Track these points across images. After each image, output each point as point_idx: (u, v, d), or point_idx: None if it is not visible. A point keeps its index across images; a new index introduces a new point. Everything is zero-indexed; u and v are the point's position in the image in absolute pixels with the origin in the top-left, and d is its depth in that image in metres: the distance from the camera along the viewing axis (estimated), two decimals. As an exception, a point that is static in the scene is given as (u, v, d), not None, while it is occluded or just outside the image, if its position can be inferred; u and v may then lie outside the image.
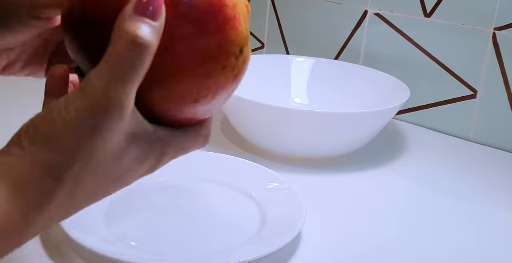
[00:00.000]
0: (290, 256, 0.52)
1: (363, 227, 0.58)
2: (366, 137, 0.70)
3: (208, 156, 0.65)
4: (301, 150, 0.69)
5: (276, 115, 0.66)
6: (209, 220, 0.57)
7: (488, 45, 0.77)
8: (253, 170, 0.63)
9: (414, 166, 0.72)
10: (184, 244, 0.52)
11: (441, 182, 0.68)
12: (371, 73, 0.81)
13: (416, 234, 0.58)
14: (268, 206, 0.58)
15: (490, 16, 0.75)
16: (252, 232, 0.54)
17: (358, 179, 0.68)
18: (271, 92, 0.80)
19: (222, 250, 0.51)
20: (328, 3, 0.89)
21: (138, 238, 0.52)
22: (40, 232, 0.33)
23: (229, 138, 0.76)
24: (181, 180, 0.62)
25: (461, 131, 0.82)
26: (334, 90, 0.81)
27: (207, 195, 0.61)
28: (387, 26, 0.84)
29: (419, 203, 0.64)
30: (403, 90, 0.74)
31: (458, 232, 0.58)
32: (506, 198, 0.65)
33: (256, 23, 0.98)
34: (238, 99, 0.67)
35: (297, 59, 0.85)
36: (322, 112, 0.67)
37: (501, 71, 0.76)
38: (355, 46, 0.88)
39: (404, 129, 0.83)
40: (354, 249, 0.54)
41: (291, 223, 0.53)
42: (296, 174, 0.67)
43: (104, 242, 0.50)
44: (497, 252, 0.56)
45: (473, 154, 0.77)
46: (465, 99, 0.80)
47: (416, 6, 0.81)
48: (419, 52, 0.82)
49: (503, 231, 0.59)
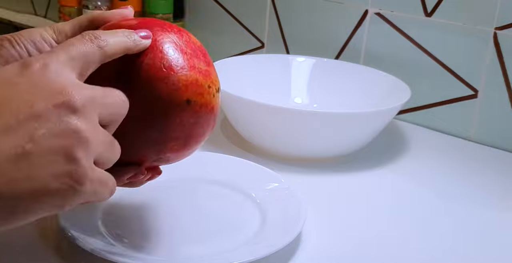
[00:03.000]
0: (290, 256, 0.52)
1: (364, 227, 0.58)
2: (366, 137, 0.70)
3: (208, 156, 0.65)
4: (301, 150, 0.69)
5: (276, 115, 0.66)
6: (209, 220, 0.56)
7: (489, 45, 0.76)
8: (253, 170, 0.63)
9: (415, 166, 0.72)
10: (184, 245, 0.52)
11: (442, 182, 0.68)
12: (372, 73, 0.80)
13: (417, 234, 0.57)
14: (268, 206, 0.58)
15: (491, 16, 0.75)
16: (252, 232, 0.54)
17: (358, 179, 0.68)
18: (271, 92, 0.80)
19: (222, 250, 0.51)
20: (329, 3, 0.88)
21: (138, 238, 0.52)
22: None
23: (229, 138, 0.76)
24: (181, 180, 0.62)
25: (462, 131, 0.81)
26: (335, 90, 0.81)
27: (207, 195, 0.61)
28: (388, 25, 0.84)
29: (420, 203, 0.64)
30: (403, 90, 0.74)
31: (458, 232, 0.58)
32: (507, 198, 0.65)
33: (256, 23, 0.98)
34: (238, 99, 0.67)
35: (297, 59, 0.85)
36: (322, 112, 0.66)
37: (502, 71, 0.76)
38: (355, 46, 0.88)
39: (404, 129, 0.83)
40: (355, 249, 0.54)
41: (291, 223, 0.53)
42: (296, 174, 0.67)
43: (103, 243, 0.50)
44: (497, 252, 0.56)
45: (474, 154, 0.77)
46: (466, 99, 0.80)
47: (417, 6, 0.81)
48: (420, 52, 0.82)
49: (503, 231, 0.59)
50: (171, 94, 0.43)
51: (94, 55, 0.39)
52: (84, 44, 0.39)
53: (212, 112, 0.47)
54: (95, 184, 0.37)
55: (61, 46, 0.39)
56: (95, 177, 0.37)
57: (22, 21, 1.28)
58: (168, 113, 0.43)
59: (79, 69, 0.38)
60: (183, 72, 0.44)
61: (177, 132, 0.44)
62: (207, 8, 1.03)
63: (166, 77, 0.43)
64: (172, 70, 0.44)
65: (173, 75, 0.43)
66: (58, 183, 0.35)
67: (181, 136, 0.45)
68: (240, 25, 1.00)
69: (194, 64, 0.45)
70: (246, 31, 0.99)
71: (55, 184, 0.35)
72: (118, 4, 1.00)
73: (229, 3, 1.00)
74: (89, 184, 0.36)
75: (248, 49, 1.00)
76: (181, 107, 0.44)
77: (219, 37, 1.02)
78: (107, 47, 0.40)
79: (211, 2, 1.02)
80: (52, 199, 0.35)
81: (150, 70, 0.43)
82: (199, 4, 1.04)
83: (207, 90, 0.46)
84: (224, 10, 1.01)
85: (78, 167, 0.35)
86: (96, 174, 0.37)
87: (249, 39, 0.99)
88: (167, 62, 0.44)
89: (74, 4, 1.07)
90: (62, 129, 0.35)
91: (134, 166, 0.46)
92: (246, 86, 0.77)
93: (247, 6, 0.98)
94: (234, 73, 0.77)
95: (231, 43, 1.01)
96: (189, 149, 0.47)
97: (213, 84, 0.46)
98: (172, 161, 0.47)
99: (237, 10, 0.99)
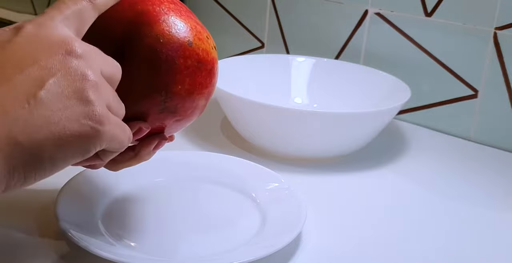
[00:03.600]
0: (290, 256, 0.52)
1: (364, 227, 0.58)
2: (366, 137, 0.70)
3: (208, 156, 0.65)
4: (301, 150, 0.69)
5: (276, 115, 0.66)
6: (209, 220, 0.56)
7: (489, 45, 0.76)
8: (253, 170, 0.63)
9: (415, 166, 0.72)
10: (184, 245, 0.52)
11: (442, 182, 0.68)
12: (372, 73, 0.80)
13: (417, 234, 0.57)
14: (268, 206, 0.58)
15: (491, 16, 0.75)
16: (252, 232, 0.54)
17: (358, 179, 0.68)
18: (271, 92, 0.80)
19: (222, 250, 0.51)
20: (329, 3, 0.88)
21: (138, 238, 0.52)
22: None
23: (229, 138, 0.76)
24: (180, 180, 0.62)
25: (462, 131, 0.81)
26: (335, 90, 0.81)
27: (207, 195, 0.61)
28: (388, 25, 0.84)
29: (420, 203, 0.64)
30: (403, 90, 0.74)
31: (459, 232, 0.58)
32: (507, 198, 0.65)
33: (256, 23, 0.98)
34: (238, 99, 0.67)
35: (297, 58, 0.85)
36: (322, 112, 0.66)
37: (502, 71, 0.76)
38: (355, 46, 0.88)
39: (404, 129, 0.83)
40: (355, 249, 0.54)
41: (291, 223, 0.53)
42: (296, 174, 0.67)
43: (103, 243, 0.49)
44: (498, 252, 0.56)
45: (474, 154, 0.77)
46: (466, 99, 0.80)
47: (417, 6, 0.81)
48: (420, 51, 0.82)
49: (504, 231, 0.59)
50: (172, 34, 0.44)
51: (87, 11, 0.40)
52: (75, 2, 0.39)
53: (213, 64, 0.47)
54: (114, 126, 0.37)
55: (53, 7, 0.39)
56: (112, 119, 0.37)
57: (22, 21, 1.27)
58: (172, 52, 0.44)
59: (75, 27, 0.39)
60: (183, 18, 0.46)
61: (182, 74, 0.45)
62: (207, 8, 1.03)
63: (167, 19, 0.45)
64: (171, 12, 0.45)
65: (173, 16, 0.45)
66: (78, 124, 0.35)
67: (186, 80, 0.45)
68: (240, 25, 1.00)
69: (190, 16, 0.47)
70: (246, 31, 0.99)
71: (75, 126, 0.35)
72: (118, 4, 1.00)
73: (229, 3, 1.00)
74: (108, 125, 0.36)
75: (248, 49, 1.00)
76: (183, 46, 0.45)
77: (219, 37, 1.02)
78: (97, 1, 0.40)
79: (211, 2, 1.02)
80: (75, 142, 0.35)
81: (151, 13, 0.44)
82: (199, 4, 1.04)
83: (205, 39, 0.47)
84: (224, 10, 1.01)
85: (94, 108, 0.35)
86: (111, 116, 0.37)
87: (249, 39, 0.99)
88: (166, 7, 0.45)
89: (74, 4, 1.07)
90: (70, 73, 0.35)
91: (139, 121, 0.45)
92: (246, 86, 0.77)
93: (247, 6, 0.98)
94: (234, 73, 0.77)
95: (231, 43, 1.01)
96: (193, 99, 0.47)
97: (210, 38, 0.48)
98: (177, 115, 0.47)
99: (237, 10, 0.99)
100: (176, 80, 0.45)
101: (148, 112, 0.46)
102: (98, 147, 0.37)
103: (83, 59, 0.36)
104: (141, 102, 0.45)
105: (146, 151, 0.48)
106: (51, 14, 0.38)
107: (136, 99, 0.45)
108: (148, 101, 0.45)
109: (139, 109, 0.45)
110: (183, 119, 0.48)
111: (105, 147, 0.38)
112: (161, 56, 0.44)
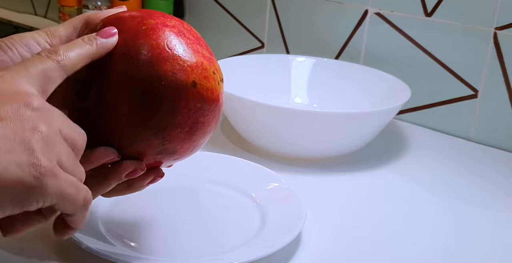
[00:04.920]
0: (290, 256, 0.52)
1: (364, 227, 0.58)
2: (366, 137, 0.70)
3: (208, 156, 0.65)
4: (301, 150, 0.69)
5: (276, 115, 0.66)
6: (209, 220, 0.56)
7: (489, 44, 0.76)
8: (253, 170, 0.63)
9: (415, 166, 0.72)
10: (184, 245, 0.52)
11: (442, 182, 0.68)
12: (372, 73, 0.80)
13: (417, 233, 0.57)
14: (268, 206, 0.58)
15: (491, 16, 0.75)
16: (252, 232, 0.54)
17: (358, 179, 0.68)
18: (271, 92, 0.80)
19: (222, 250, 0.51)
20: (329, 3, 0.88)
21: (138, 238, 0.52)
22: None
23: (229, 138, 0.76)
24: (181, 180, 0.62)
25: (462, 131, 0.81)
26: (335, 90, 0.81)
27: (207, 195, 0.61)
28: (387, 25, 0.84)
29: (420, 203, 0.64)
30: (403, 90, 0.74)
31: (459, 232, 0.58)
32: (507, 198, 0.65)
33: (256, 23, 0.98)
34: (238, 99, 0.67)
35: (297, 58, 0.85)
36: (322, 112, 0.66)
37: (502, 71, 0.76)
38: (355, 46, 0.88)
39: (404, 129, 0.83)
40: (355, 249, 0.54)
41: (291, 223, 0.53)
42: (296, 174, 0.67)
43: (103, 243, 0.50)
44: (498, 252, 0.56)
45: (474, 154, 0.77)
46: (466, 99, 0.80)
47: (417, 6, 0.81)
48: (420, 51, 0.82)
49: (504, 231, 0.59)
50: (177, 75, 0.41)
51: (53, 71, 0.38)
52: (42, 61, 0.38)
53: (218, 101, 0.44)
54: (63, 183, 0.35)
55: (19, 64, 0.38)
56: (62, 175, 0.35)
57: (22, 21, 1.28)
58: (174, 94, 0.41)
59: (40, 85, 0.37)
60: (188, 54, 0.43)
61: (183, 116, 0.42)
62: (207, 8, 1.03)
63: (171, 57, 0.42)
64: (176, 50, 0.42)
65: (178, 56, 0.42)
66: (20, 170, 0.33)
67: (187, 122, 0.43)
68: (240, 25, 1.00)
69: (197, 49, 0.44)
70: (246, 31, 0.99)
71: (17, 171, 0.33)
72: (118, 4, 1.00)
73: (229, 3, 1.00)
74: (55, 180, 0.35)
75: (248, 49, 1.00)
76: (187, 88, 0.42)
77: (219, 37, 1.02)
78: (65, 61, 0.39)
79: (211, 2, 1.02)
80: (15, 189, 0.33)
81: (154, 50, 0.41)
82: (199, 4, 1.04)
83: (212, 75, 0.44)
84: (224, 10, 1.01)
85: (40, 159, 0.34)
86: (62, 173, 0.35)
87: (249, 39, 0.99)
88: (171, 43, 0.42)
89: (74, 4, 1.07)
90: (21, 122, 0.34)
91: (134, 161, 0.44)
92: (246, 86, 0.77)
93: (247, 6, 0.98)
94: (234, 73, 0.77)
95: (231, 43, 1.01)
96: (194, 140, 0.44)
97: (217, 72, 0.45)
98: (175, 155, 0.45)
99: (237, 10, 0.99)
100: (175, 123, 0.42)
101: (145, 153, 0.44)
102: (41, 201, 0.34)
103: (39, 113, 0.35)
104: (138, 143, 0.43)
105: (139, 184, 0.47)
106: (16, 70, 0.37)
107: (132, 139, 0.42)
108: (145, 143, 0.43)
109: (136, 149, 0.43)
110: (182, 157, 0.46)
111: (52, 204, 0.35)
112: (161, 98, 0.41)
